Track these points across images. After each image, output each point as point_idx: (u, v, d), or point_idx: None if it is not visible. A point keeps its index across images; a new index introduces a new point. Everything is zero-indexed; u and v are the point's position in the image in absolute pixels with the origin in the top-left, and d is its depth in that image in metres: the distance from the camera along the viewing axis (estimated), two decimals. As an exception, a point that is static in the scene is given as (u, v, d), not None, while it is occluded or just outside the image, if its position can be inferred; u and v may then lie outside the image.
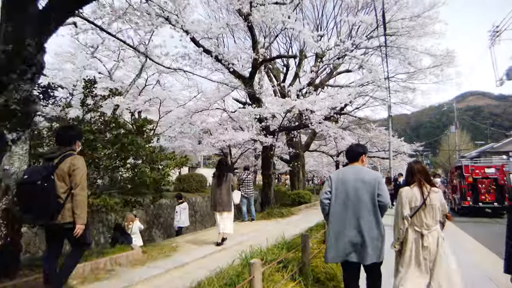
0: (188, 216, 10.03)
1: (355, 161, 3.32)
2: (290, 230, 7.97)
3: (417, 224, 3.13)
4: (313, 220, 9.96)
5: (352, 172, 3.20)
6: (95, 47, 13.27)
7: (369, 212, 3.03)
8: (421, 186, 3.18)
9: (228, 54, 9.88)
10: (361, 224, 3.01)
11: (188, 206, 17.80)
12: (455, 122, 37.34)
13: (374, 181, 3.08)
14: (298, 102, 9.45)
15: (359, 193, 3.06)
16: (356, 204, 3.05)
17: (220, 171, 6.36)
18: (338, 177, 3.23)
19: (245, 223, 9.66)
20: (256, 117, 10.62)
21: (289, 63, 15.79)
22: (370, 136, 22.27)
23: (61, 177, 3.05)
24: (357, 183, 3.09)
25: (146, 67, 15.88)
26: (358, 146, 3.52)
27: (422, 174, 3.25)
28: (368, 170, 3.32)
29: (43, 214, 3.02)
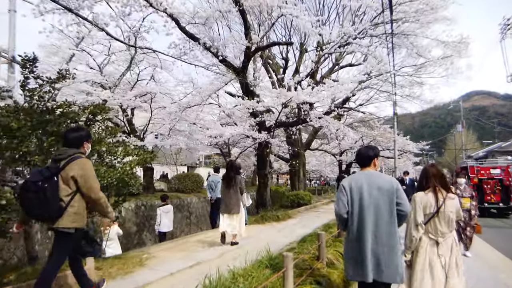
0: (171, 220, 8.98)
1: (367, 165, 2.95)
2: (282, 239, 6.88)
3: (431, 232, 2.98)
4: (311, 225, 8.86)
5: (365, 178, 2.83)
6: (81, 38, 12.33)
7: (388, 223, 2.69)
8: (436, 192, 2.99)
9: (218, 42, 8.81)
10: (380, 237, 2.68)
11: (183, 207, 16.96)
12: (462, 120, 35.99)
13: (391, 188, 2.72)
14: (295, 94, 8.36)
15: (376, 202, 2.72)
16: (373, 215, 2.71)
17: (229, 174, 6.33)
18: (351, 185, 2.85)
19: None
20: (249, 111, 9.54)
21: (288, 57, 14.71)
22: (374, 134, 21.07)
23: (66, 180, 2.93)
24: (372, 191, 2.75)
25: (138, 61, 14.94)
26: (369, 149, 3.07)
27: (438, 178, 3.06)
28: (381, 175, 2.94)
29: (43, 216, 2.94)
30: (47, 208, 2.85)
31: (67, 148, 3.10)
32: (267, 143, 10.79)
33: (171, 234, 15.29)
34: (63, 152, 3.08)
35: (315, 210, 12.61)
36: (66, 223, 2.91)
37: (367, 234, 2.69)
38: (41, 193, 2.81)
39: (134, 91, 13.02)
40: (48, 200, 2.83)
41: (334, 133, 10.67)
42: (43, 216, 2.93)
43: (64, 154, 3.05)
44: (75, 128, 3.53)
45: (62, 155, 3.05)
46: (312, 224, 8.94)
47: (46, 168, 2.98)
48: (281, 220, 9.59)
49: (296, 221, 9.64)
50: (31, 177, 2.91)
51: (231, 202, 6.16)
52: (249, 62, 9.34)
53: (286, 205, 13.29)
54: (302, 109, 10.30)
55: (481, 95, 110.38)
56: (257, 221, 9.33)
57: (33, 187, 2.81)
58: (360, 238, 2.73)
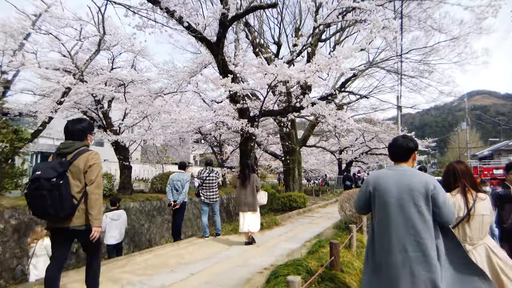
0: (123, 229, 7.00)
1: (403, 160, 2.25)
2: (258, 259, 4.90)
3: (459, 237, 2.38)
4: (300, 235, 6.85)
5: (395, 177, 2.14)
6: (38, 15, 10.44)
7: (420, 235, 1.96)
8: (465, 192, 2.44)
9: (185, 6, 6.84)
10: (410, 253, 1.97)
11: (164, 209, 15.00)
12: (467, 118, 33.93)
13: (427, 193, 2.00)
14: (278, 68, 6.39)
15: (406, 209, 2.03)
16: (403, 224, 2.03)
17: (244, 172, 6.21)
18: (376, 182, 2.17)
19: (204, 241, 6.61)
20: (226, 92, 7.57)
21: (281, 40, 12.72)
22: (376, 130, 19.07)
23: (76, 174, 2.73)
24: (401, 194, 2.06)
25: (111, 46, 13.01)
26: (408, 139, 2.27)
27: (467, 177, 2.52)
28: (417, 173, 2.12)
29: (58, 216, 2.63)
30: (62, 207, 2.60)
31: (71, 141, 2.86)
32: (251, 136, 8.82)
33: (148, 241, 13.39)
34: (69, 145, 2.83)
35: (309, 214, 10.60)
36: (81, 220, 2.72)
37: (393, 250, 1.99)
38: (55, 191, 2.56)
39: (100, 77, 11.07)
40: (63, 198, 2.60)
41: (331, 124, 8.71)
42: (59, 216, 2.63)
43: (70, 147, 2.81)
44: (77, 120, 3.08)
45: (68, 149, 2.80)
46: (302, 235, 6.94)
47: (59, 163, 2.70)
48: (265, 229, 7.60)
49: (284, 230, 7.64)
50: (42, 173, 2.58)
51: (247, 200, 6.02)
52: (225, 33, 7.37)
53: (277, 209, 11.31)
54: (293, 94, 8.32)
55: (482, 94, 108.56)
56: (235, 231, 7.34)
57: (47, 184, 2.54)
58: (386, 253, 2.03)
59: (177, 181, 7.00)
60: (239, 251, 5.62)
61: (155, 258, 5.10)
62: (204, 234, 6.82)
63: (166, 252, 5.51)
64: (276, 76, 6.90)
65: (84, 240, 2.80)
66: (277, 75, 6.80)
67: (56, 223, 2.73)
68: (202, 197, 6.76)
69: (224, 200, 18.42)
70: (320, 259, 3.67)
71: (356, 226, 5.13)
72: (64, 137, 3.01)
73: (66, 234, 2.78)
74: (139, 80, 11.91)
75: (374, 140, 20.71)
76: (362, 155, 22.33)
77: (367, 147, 20.93)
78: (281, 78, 6.66)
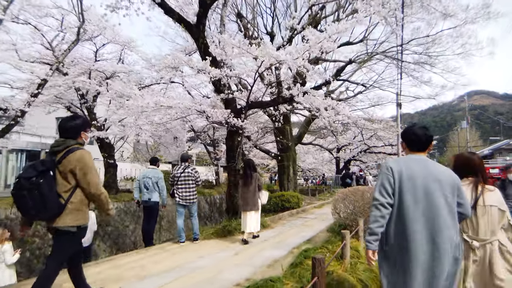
0: (91, 232, 6.11)
1: (421, 150, 2.13)
2: (234, 272, 4.00)
3: (466, 231, 2.33)
4: (289, 240, 5.96)
5: (420, 165, 2.02)
6: (9, 0, 9.58)
7: (448, 226, 1.91)
8: (476, 184, 2.36)
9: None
10: (439, 244, 1.88)
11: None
12: (467, 116, 33.06)
13: (453, 182, 1.99)
14: (264, 50, 5.50)
15: (433, 198, 1.93)
16: (430, 213, 1.92)
17: (246, 171, 6.13)
18: (401, 169, 2.01)
19: (179, 246, 5.73)
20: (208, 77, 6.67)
21: (274, 31, 11.84)
22: (375, 128, 18.16)
23: (64, 174, 2.57)
24: (429, 183, 1.96)
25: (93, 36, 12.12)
26: (425, 129, 2.17)
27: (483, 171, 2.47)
28: (437, 164, 2.11)
29: (40, 216, 2.53)
30: (45, 207, 2.46)
31: (63, 138, 2.70)
32: (238, 129, 7.93)
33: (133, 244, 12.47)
34: (60, 143, 2.67)
35: (302, 216, 9.71)
36: (67, 221, 2.56)
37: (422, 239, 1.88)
38: (35, 190, 2.43)
39: (77, 67, 10.20)
40: (45, 197, 2.45)
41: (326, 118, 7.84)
42: (42, 215, 2.51)
43: (61, 145, 2.64)
44: (71, 117, 2.90)
45: (58, 147, 2.64)
46: (291, 239, 6.05)
47: (41, 162, 2.56)
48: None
49: (272, 234, 6.75)
50: (23, 173, 2.49)
51: (249, 199, 5.94)
52: (206, 14, 6.49)
53: (268, 209, 10.40)
54: (285, 83, 7.45)
55: (481, 94, 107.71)
56: (216, 234, 6.46)
57: (26, 184, 2.42)
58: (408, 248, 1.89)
59: (147, 178, 6.15)
60: (215, 260, 4.73)
61: (110, 270, 4.22)
62: (180, 239, 5.94)
63: (128, 262, 4.62)
64: (262, 60, 6.02)
65: (60, 241, 2.64)
66: (264, 59, 5.91)
67: (48, 223, 2.60)
68: (177, 197, 5.89)
69: (217, 200, 17.46)
70: (301, 278, 2.78)
71: (350, 232, 4.25)
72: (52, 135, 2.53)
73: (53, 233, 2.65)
74: (123, 72, 11.04)
75: (373, 138, 19.82)
76: (361, 154, 21.45)
77: (366, 145, 20.05)
78: (267, 61, 5.77)
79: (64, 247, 2.63)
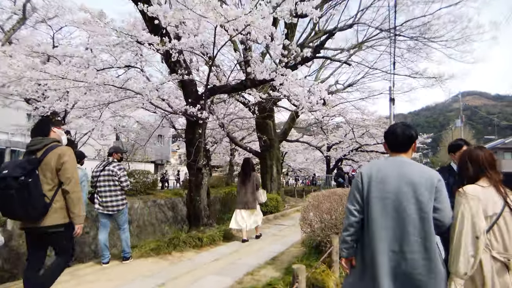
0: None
1: (403, 150, 1.92)
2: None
3: (496, 247, 1.68)
4: (247, 261, 4.42)
5: (394, 167, 1.85)
6: None
7: (419, 234, 1.69)
8: (498, 186, 1.76)
9: None
10: (406, 254, 1.69)
11: None
12: (461, 115, 31.91)
13: (431, 185, 1.72)
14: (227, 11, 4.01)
15: (403, 203, 1.74)
16: (399, 220, 1.74)
17: (244, 170, 6.16)
18: (371, 173, 1.86)
19: (100, 269, 4.21)
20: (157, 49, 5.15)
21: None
22: (367, 124, 16.78)
23: (47, 172, 2.51)
24: (401, 186, 1.76)
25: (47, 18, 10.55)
26: (408, 127, 1.94)
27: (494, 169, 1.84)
28: (418, 165, 1.86)
29: (29, 216, 2.43)
30: (32, 206, 2.39)
31: (41, 137, 2.63)
32: (198, 120, 6.44)
33: (94, 252, 10.92)
34: (39, 141, 2.59)
35: (279, 222, 8.23)
36: (53, 220, 2.50)
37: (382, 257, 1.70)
38: (24, 190, 2.35)
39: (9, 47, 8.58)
40: (32, 197, 2.38)
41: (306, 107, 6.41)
42: (29, 216, 2.43)
43: (39, 144, 2.57)
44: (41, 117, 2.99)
45: (37, 145, 2.56)
46: (252, 259, 4.53)
47: (27, 161, 2.48)
48: (204, 247, 5.23)
49: (229, 250, 5.22)
50: (9, 171, 2.36)
51: (247, 198, 5.94)
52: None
53: (243, 214, 8.92)
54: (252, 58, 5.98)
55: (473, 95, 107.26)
56: (157, 251, 4.93)
57: (14, 183, 2.32)
58: (373, 264, 1.73)
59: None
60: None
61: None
62: (102, 258, 4.41)
63: None
64: (216, 24, 4.53)
65: (55, 241, 2.62)
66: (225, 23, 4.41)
67: (28, 223, 2.52)
68: (96, 204, 4.37)
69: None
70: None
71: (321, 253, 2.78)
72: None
73: (40, 235, 2.57)
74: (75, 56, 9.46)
75: (364, 136, 18.41)
76: (352, 153, 20.03)
77: (357, 144, 18.64)
78: (233, 27, 4.28)
79: (63, 245, 2.65)
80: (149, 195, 13.62)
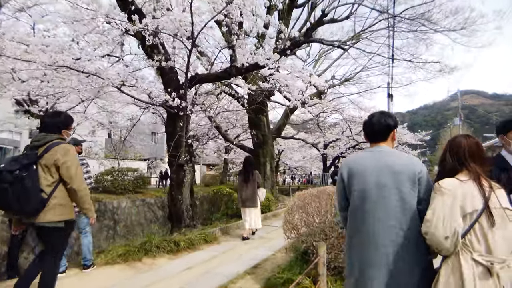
0: None
1: (380, 140, 1.81)
2: None
3: (478, 249, 1.46)
4: (225, 269, 3.80)
5: (372, 158, 1.74)
6: None
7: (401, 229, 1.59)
8: (479, 179, 1.51)
9: None
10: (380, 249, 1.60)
11: (104, 213, 12.05)
12: (460, 113, 31.51)
13: (413, 174, 1.62)
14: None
15: (383, 194, 1.63)
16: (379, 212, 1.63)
17: (246, 168, 6.12)
18: (351, 166, 1.79)
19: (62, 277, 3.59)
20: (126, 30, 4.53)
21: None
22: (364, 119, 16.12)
23: (47, 168, 2.48)
24: (381, 178, 1.65)
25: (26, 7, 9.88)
26: (385, 115, 1.84)
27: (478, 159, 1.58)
28: (399, 153, 1.77)
29: (23, 210, 2.39)
30: (28, 201, 2.36)
31: (45, 133, 2.60)
32: (178, 112, 5.83)
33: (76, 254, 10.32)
34: (41, 137, 2.58)
35: (269, 223, 7.63)
36: (51, 217, 2.45)
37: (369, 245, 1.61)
38: (18, 184, 2.33)
39: None
40: (27, 192, 2.35)
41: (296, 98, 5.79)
42: (24, 210, 2.39)
43: (42, 140, 2.56)
44: (54, 113, 2.88)
45: (40, 141, 2.55)
46: (232, 267, 3.93)
47: (24, 155, 2.51)
48: (181, 252, 4.62)
49: (207, 256, 4.61)
50: (5, 165, 2.37)
51: (248, 196, 5.94)
52: None
53: (232, 214, 8.35)
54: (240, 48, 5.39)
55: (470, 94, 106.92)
56: (126, 257, 4.31)
57: (9, 177, 2.31)
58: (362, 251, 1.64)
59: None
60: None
61: None
62: (58, 267, 3.80)
63: None
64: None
65: (49, 238, 2.53)
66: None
67: (25, 218, 2.49)
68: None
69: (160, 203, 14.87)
70: None
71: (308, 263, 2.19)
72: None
73: (37, 230, 2.55)
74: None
75: (362, 133, 17.79)
76: (349, 150, 19.44)
77: (355, 141, 18.05)
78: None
79: (56, 243, 2.57)
80: (138, 194, 13.07)
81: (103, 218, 11.19)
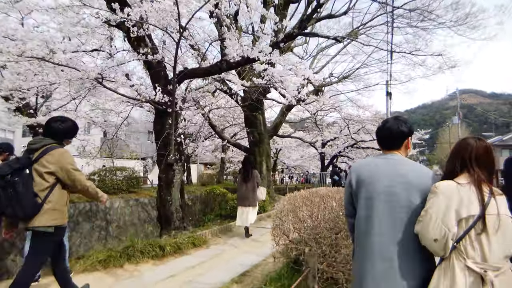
0: None
1: (395, 147, 1.71)
2: None
3: (472, 256, 1.40)
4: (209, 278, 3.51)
5: (385, 166, 1.64)
6: None
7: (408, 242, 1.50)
8: (479, 183, 1.44)
9: None
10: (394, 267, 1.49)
11: (96, 214, 11.75)
12: (458, 112, 31.26)
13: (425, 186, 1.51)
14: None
15: (393, 204, 1.54)
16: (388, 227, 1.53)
17: (245, 168, 6.14)
18: (361, 172, 1.69)
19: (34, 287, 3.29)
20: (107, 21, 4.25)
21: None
22: (363, 119, 15.89)
23: (41, 172, 2.44)
24: (393, 188, 1.55)
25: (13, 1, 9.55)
26: (400, 122, 1.72)
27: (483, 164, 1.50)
28: (413, 163, 1.65)
29: (17, 215, 2.35)
30: (20, 205, 2.32)
31: (42, 137, 2.61)
32: (166, 109, 5.52)
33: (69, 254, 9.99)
34: (38, 141, 2.57)
35: (262, 224, 7.33)
36: (44, 221, 2.43)
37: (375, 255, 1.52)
38: (10, 188, 2.31)
39: None
40: (20, 196, 2.32)
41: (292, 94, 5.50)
42: (17, 214, 2.36)
43: (38, 143, 2.54)
44: (59, 118, 2.68)
45: (36, 145, 2.53)
46: (216, 275, 3.63)
47: (16, 160, 2.49)
48: (166, 257, 4.32)
49: (193, 262, 4.31)
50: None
51: (248, 195, 5.95)
52: None
53: (226, 215, 8.06)
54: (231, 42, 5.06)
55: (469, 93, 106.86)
56: (107, 263, 4.01)
57: (0, 181, 2.31)
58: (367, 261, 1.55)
59: None
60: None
61: None
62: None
63: None
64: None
65: (38, 242, 2.51)
66: None
67: (24, 223, 2.45)
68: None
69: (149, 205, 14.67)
70: None
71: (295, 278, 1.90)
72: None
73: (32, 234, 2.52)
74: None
75: (360, 132, 17.51)
76: (347, 149, 19.15)
77: (353, 140, 17.77)
78: None
79: (41, 248, 2.50)
80: (132, 194, 12.77)
81: (95, 218, 10.87)
